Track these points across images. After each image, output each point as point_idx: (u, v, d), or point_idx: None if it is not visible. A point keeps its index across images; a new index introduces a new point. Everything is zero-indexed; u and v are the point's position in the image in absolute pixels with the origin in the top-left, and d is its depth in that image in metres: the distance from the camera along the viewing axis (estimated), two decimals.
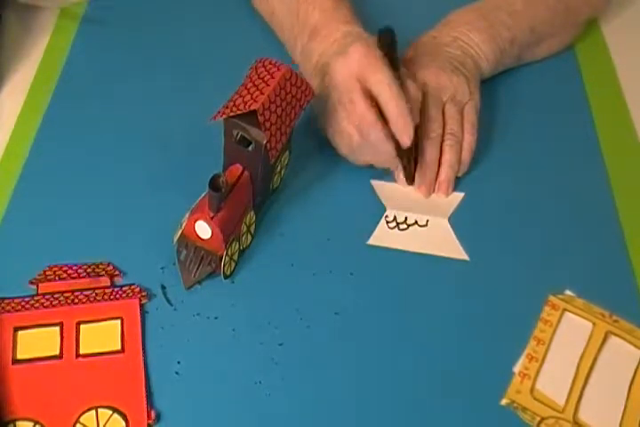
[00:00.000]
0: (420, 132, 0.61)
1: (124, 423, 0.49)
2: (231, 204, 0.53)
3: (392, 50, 0.60)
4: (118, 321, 0.54)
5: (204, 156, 0.57)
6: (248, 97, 0.51)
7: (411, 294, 0.57)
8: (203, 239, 0.54)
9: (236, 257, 0.57)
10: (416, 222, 0.61)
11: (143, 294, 0.55)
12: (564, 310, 0.56)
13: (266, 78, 0.52)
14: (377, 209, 0.62)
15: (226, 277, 0.56)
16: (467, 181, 0.64)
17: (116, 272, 0.56)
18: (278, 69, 0.52)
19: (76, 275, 0.55)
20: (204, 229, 0.53)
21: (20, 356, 0.52)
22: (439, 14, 0.70)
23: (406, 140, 0.57)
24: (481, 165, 0.65)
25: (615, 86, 0.72)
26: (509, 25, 0.68)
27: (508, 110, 0.70)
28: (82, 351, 0.52)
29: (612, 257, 0.60)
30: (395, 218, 0.61)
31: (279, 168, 0.60)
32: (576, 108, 0.70)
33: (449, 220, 0.62)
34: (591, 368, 0.53)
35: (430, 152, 0.62)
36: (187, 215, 0.55)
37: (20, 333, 0.53)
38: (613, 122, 0.69)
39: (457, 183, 0.64)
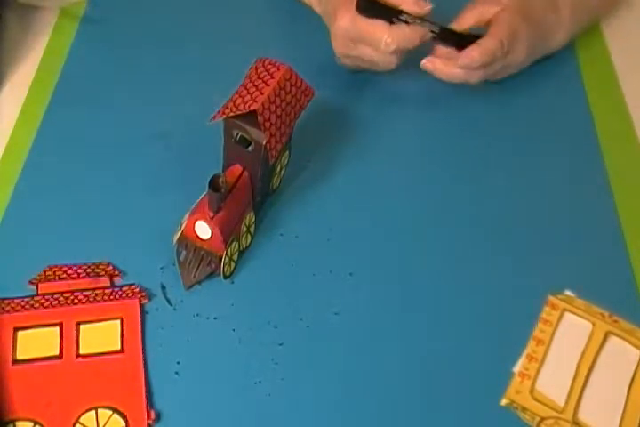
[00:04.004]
0: None
1: (123, 424, 0.49)
2: (231, 204, 0.53)
3: None
4: (118, 321, 0.54)
5: (204, 156, 0.57)
6: (248, 97, 0.51)
7: (410, 294, 0.57)
8: (202, 239, 0.54)
9: (235, 257, 0.57)
10: None
11: (143, 294, 0.55)
12: (564, 310, 0.56)
13: (265, 78, 0.52)
14: None
15: (225, 277, 0.56)
16: (467, 180, 0.64)
17: (116, 272, 0.56)
18: (278, 69, 0.52)
19: (75, 275, 0.55)
20: (203, 230, 0.53)
21: (19, 356, 0.52)
22: None
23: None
24: (480, 164, 0.65)
25: (615, 87, 0.72)
26: None
27: (508, 111, 0.70)
28: (82, 352, 0.52)
29: (612, 257, 0.60)
30: None
31: (279, 168, 0.60)
32: (576, 108, 0.70)
33: None
34: (591, 368, 0.53)
35: None
36: (186, 215, 0.55)
37: (19, 333, 0.53)
38: (613, 122, 0.69)
39: (460, 180, 0.64)
